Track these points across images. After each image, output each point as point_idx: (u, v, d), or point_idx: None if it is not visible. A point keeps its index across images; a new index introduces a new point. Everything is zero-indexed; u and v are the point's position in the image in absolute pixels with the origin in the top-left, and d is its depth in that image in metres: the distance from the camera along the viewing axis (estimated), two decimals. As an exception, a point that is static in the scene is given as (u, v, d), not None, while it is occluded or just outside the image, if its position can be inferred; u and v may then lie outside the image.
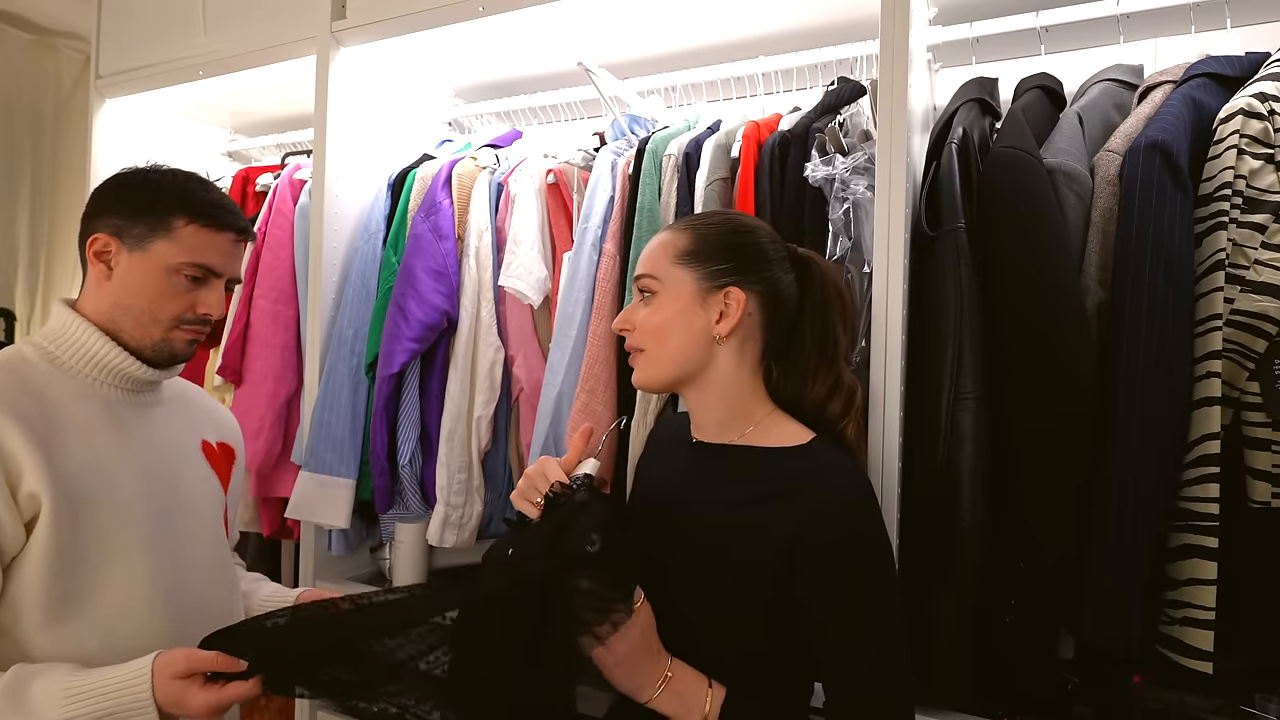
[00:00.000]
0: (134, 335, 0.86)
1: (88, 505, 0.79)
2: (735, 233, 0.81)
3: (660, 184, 1.15)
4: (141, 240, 0.84)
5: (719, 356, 0.79)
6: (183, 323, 0.87)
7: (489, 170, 1.34)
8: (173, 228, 0.84)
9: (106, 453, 0.82)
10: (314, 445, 1.32)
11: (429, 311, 1.26)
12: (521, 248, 1.23)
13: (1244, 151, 0.85)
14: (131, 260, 0.85)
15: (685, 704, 0.71)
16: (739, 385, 0.80)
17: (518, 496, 0.77)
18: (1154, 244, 0.85)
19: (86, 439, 0.81)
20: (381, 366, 1.27)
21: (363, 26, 1.35)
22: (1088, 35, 1.09)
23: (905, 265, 0.94)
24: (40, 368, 0.83)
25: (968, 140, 0.98)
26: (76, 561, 0.78)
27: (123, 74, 1.64)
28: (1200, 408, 0.84)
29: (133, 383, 0.87)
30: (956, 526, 0.89)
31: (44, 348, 0.84)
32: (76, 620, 0.78)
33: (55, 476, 0.77)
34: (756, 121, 1.15)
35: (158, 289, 0.85)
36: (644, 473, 0.93)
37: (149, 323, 0.85)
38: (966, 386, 0.90)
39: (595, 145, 1.34)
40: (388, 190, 1.40)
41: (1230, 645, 0.82)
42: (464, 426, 1.28)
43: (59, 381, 0.83)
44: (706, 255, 0.79)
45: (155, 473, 0.86)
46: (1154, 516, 0.84)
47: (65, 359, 0.84)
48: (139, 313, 0.85)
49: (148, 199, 0.85)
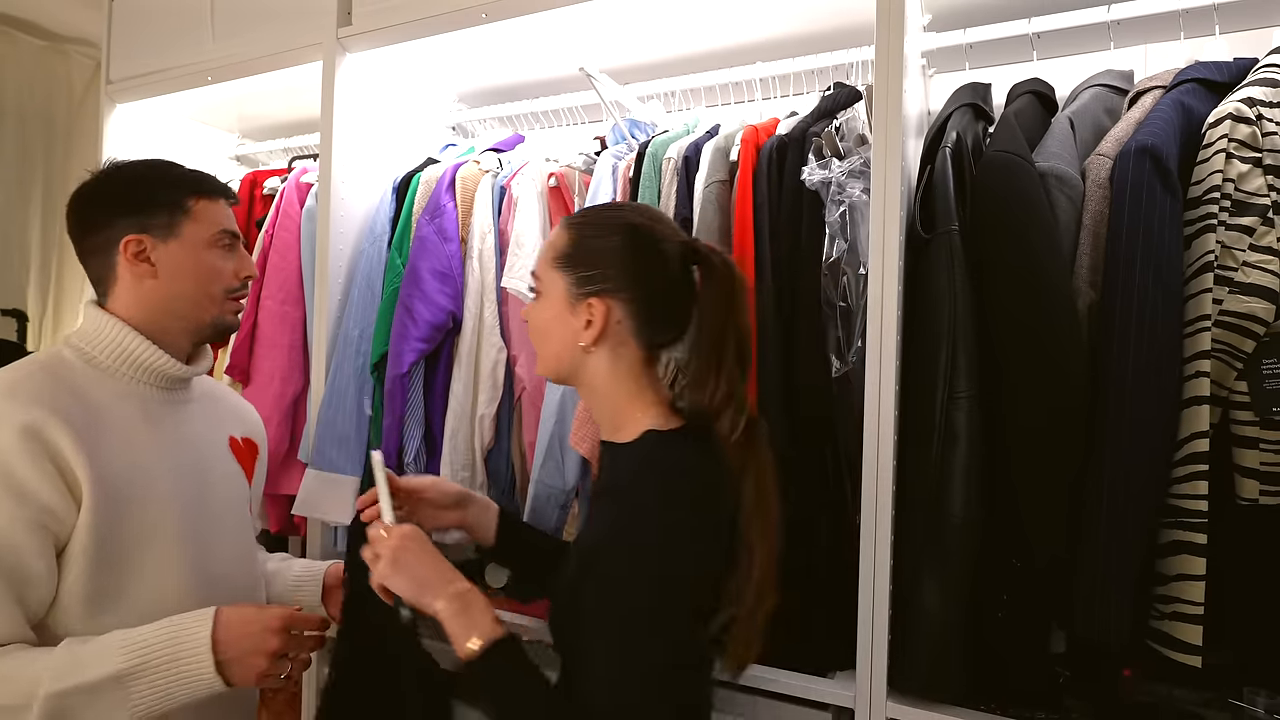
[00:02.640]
0: (191, 320, 0.89)
1: (128, 503, 0.81)
2: (611, 234, 0.77)
3: (660, 187, 1.17)
4: (170, 228, 0.87)
5: (591, 363, 0.78)
6: (230, 293, 0.91)
7: (492, 174, 1.35)
8: (189, 208, 0.88)
9: (146, 451, 0.84)
10: (320, 444, 1.34)
11: (435, 312, 1.28)
12: (524, 250, 1.25)
13: (1232, 155, 0.85)
14: (169, 250, 0.87)
15: (467, 626, 0.69)
16: (615, 391, 0.78)
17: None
18: (1144, 246, 0.85)
19: (127, 438, 0.83)
20: (391, 366, 1.28)
21: (368, 33, 1.36)
22: (1079, 41, 1.10)
23: (900, 267, 0.95)
24: (79, 369, 0.84)
25: (961, 144, 0.98)
26: (116, 557, 0.80)
27: (133, 79, 1.66)
28: (1189, 406, 0.85)
29: (168, 380, 0.89)
30: (949, 524, 0.90)
31: (81, 349, 0.86)
32: (113, 613, 0.80)
33: (99, 476, 0.78)
34: (755, 126, 1.16)
35: (204, 267, 0.89)
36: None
37: (206, 302, 0.89)
38: (960, 386, 0.91)
39: (596, 149, 1.36)
40: (392, 194, 1.42)
41: (1217, 639, 0.82)
42: (467, 425, 1.29)
43: (98, 382, 0.84)
44: (578, 260, 0.77)
45: (188, 469, 0.89)
46: (1144, 513, 0.85)
47: (103, 359, 0.85)
48: (195, 296, 0.88)
49: (151, 190, 0.88)
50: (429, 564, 0.75)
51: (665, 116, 1.41)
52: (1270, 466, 0.84)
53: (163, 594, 0.83)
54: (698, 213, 1.12)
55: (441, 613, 0.71)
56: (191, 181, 0.90)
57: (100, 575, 0.79)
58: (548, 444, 1.17)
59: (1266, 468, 0.84)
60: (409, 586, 0.73)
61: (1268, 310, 0.84)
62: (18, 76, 2.06)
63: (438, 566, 0.75)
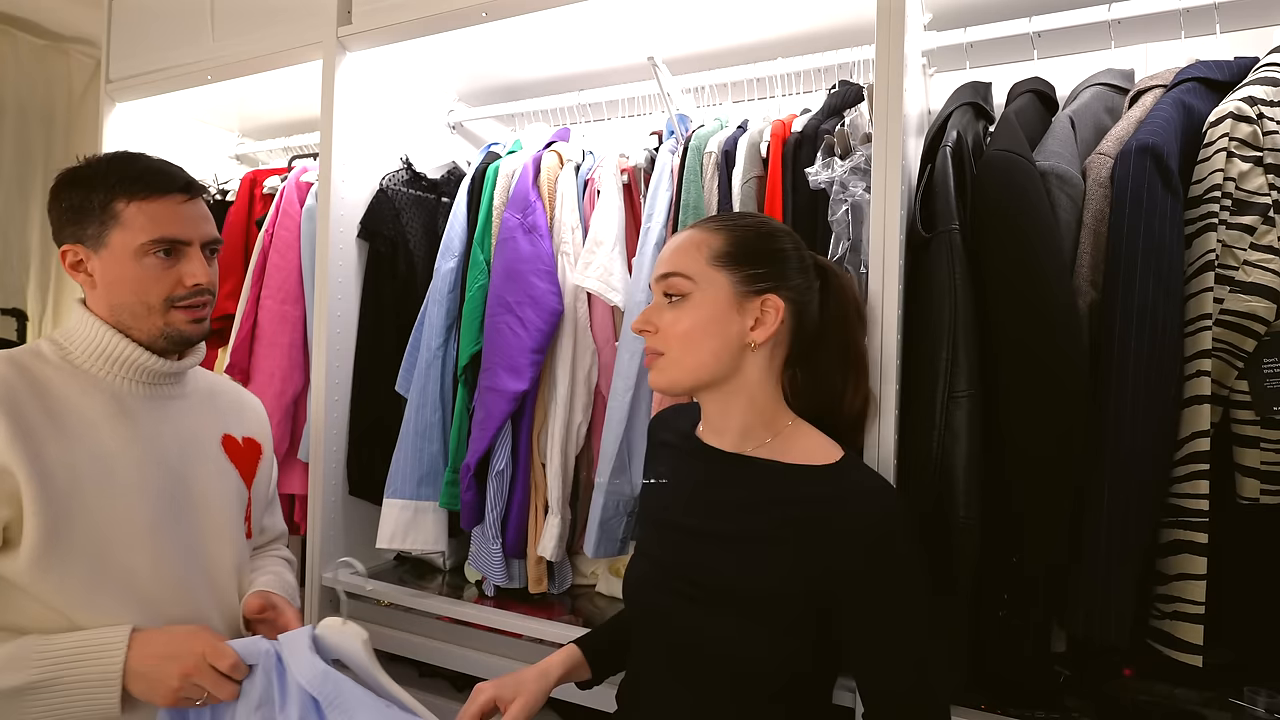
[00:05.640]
0: (139, 330, 0.86)
1: (84, 493, 0.79)
2: (771, 237, 0.79)
3: (703, 181, 1.15)
4: (100, 238, 0.83)
5: (749, 363, 0.77)
6: (176, 302, 0.85)
7: (574, 164, 1.29)
8: (117, 213, 0.82)
9: (110, 443, 0.82)
10: (406, 472, 1.29)
11: (548, 317, 1.20)
12: (602, 248, 1.19)
13: (1233, 154, 0.85)
14: (101, 261, 0.84)
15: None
16: (765, 393, 0.79)
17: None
18: (1145, 245, 0.85)
19: (87, 430, 0.81)
20: (494, 378, 1.20)
21: (368, 32, 1.36)
22: (1080, 41, 1.09)
23: (900, 266, 0.94)
24: (53, 362, 0.84)
25: (962, 143, 0.98)
26: (80, 545, 0.79)
27: (133, 78, 1.65)
28: (1190, 406, 0.85)
29: (149, 375, 0.87)
30: (951, 522, 0.89)
31: (59, 344, 0.86)
32: (90, 600, 0.78)
33: (43, 470, 0.77)
34: (782, 120, 1.15)
35: (136, 278, 0.83)
36: (650, 483, 0.91)
37: (145, 313, 0.85)
38: (960, 385, 0.91)
39: (655, 145, 1.32)
40: (466, 195, 1.36)
41: (1217, 638, 0.82)
42: (562, 436, 1.22)
43: (70, 376, 0.83)
44: (744, 259, 0.76)
45: (166, 464, 0.86)
46: (1145, 512, 0.85)
47: (76, 354, 0.85)
48: (133, 306, 0.84)
49: (84, 196, 0.83)
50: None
51: (697, 112, 1.37)
52: (1271, 466, 0.84)
53: (134, 591, 0.81)
54: (737, 209, 1.11)
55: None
56: (124, 182, 0.82)
57: (65, 562, 0.77)
58: (616, 449, 1.12)
59: (1267, 467, 0.84)
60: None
61: (1269, 309, 0.84)
62: (18, 76, 2.06)
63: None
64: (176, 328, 0.86)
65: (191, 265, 0.85)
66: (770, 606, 0.72)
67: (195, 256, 0.86)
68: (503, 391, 1.20)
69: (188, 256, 0.85)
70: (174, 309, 0.85)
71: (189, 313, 0.86)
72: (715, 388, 0.78)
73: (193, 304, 0.86)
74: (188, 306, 0.86)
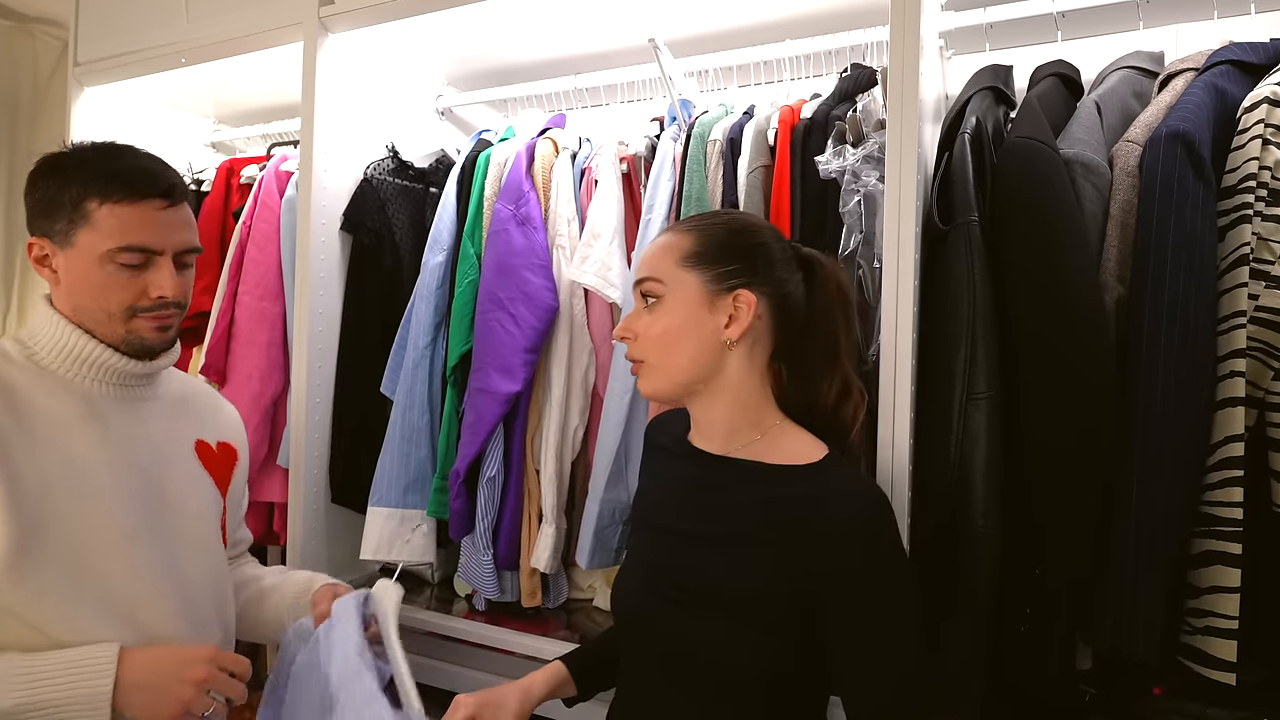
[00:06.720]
0: (101, 333, 0.83)
1: (54, 496, 0.78)
2: (741, 233, 0.79)
3: (707, 171, 1.12)
4: (68, 236, 0.81)
5: (729, 362, 0.77)
6: (139, 311, 0.82)
7: (570, 153, 1.26)
8: (88, 214, 0.79)
9: (80, 446, 0.81)
10: (392, 479, 1.24)
11: (542, 314, 1.16)
12: (600, 241, 1.15)
13: (1269, 141, 0.83)
14: (66, 259, 0.81)
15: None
16: (750, 391, 0.78)
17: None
18: (1175, 238, 0.83)
19: (56, 433, 0.80)
20: (503, 383, 1.15)
21: (351, 12, 1.32)
22: (1106, 21, 1.07)
23: (916, 260, 0.92)
24: (19, 363, 0.82)
25: (981, 130, 0.96)
26: (49, 557, 0.77)
27: (102, 61, 1.61)
28: (1223, 408, 0.82)
29: (118, 376, 0.85)
30: (970, 530, 0.87)
31: (25, 344, 0.84)
32: (65, 607, 0.77)
33: (10, 474, 0.75)
34: (790, 106, 1.12)
35: (98, 283, 0.80)
36: (645, 485, 0.91)
37: (105, 319, 0.82)
38: (979, 386, 0.89)
39: (656, 132, 1.28)
40: (456, 185, 1.32)
41: (1250, 654, 0.80)
42: (557, 441, 1.19)
43: (35, 378, 0.82)
44: (713, 257, 0.77)
45: (139, 467, 0.85)
46: (1175, 522, 0.82)
47: (42, 355, 0.83)
48: (94, 310, 0.82)
49: (58, 189, 0.80)
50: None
51: (699, 96, 1.34)
52: (1309, 472, 0.81)
53: (116, 591, 0.80)
54: (743, 200, 1.09)
55: None
56: (101, 181, 0.79)
57: (39, 570, 0.76)
58: (613, 455, 1.09)
59: (1305, 473, 0.81)
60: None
61: (1308, 306, 0.81)
62: (-19, 58, 1.98)
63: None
64: (139, 335, 0.84)
65: (159, 276, 0.82)
66: (757, 608, 0.72)
67: (165, 267, 0.83)
68: (494, 393, 1.17)
69: (157, 266, 0.82)
70: (137, 317, 0.83)
71: (152, 320, 0.84)
72: (699, 390, 0.79)
73: (158, 315, 0.84)
74: (152, 315, 0.84)
